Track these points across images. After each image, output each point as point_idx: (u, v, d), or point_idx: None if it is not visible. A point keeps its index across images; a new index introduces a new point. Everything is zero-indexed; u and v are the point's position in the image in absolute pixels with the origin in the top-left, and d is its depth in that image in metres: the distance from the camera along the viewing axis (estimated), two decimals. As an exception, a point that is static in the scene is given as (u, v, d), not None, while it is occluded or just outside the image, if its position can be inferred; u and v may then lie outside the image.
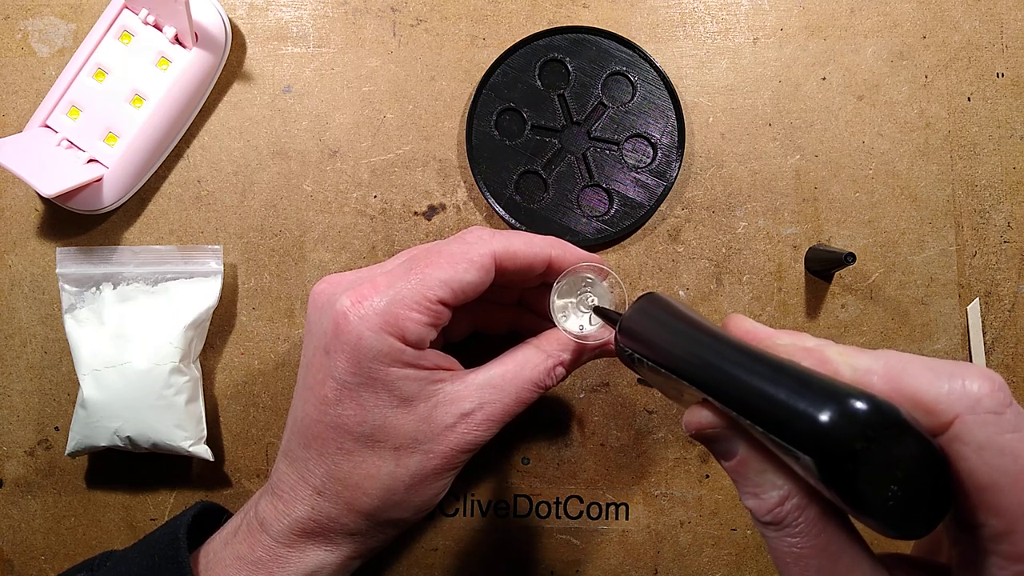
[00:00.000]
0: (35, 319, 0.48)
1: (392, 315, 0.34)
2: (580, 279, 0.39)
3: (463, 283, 0.35)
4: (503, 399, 0.37)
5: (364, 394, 0.35)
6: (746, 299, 0.48)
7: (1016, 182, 0.48)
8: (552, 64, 0.49)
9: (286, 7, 0.50)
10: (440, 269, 0.35)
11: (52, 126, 0.47)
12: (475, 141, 0.48)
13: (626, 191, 0.48)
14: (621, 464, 0.48)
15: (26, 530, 0.48)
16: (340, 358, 0.35)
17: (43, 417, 0.48)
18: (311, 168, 0.49)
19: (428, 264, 0.35)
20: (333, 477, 0.36)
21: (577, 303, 0.40)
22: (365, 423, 0.35)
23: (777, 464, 0.25)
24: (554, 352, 0.39)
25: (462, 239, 0.37)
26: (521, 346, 0.39)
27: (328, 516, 0.36)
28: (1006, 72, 0.48)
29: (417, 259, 0.36)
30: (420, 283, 0.35)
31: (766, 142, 0.48)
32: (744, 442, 0.26)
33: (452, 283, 0.35)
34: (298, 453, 0.37)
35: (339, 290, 0.36)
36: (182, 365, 0.45)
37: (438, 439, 0.36)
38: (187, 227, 0.49)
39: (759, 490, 0.26)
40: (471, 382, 0.37)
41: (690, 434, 0.27)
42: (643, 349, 0.30)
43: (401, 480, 0.36)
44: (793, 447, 0.22)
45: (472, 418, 0.37)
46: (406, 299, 0.34)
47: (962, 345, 0.47)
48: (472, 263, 0.36)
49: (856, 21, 0.48)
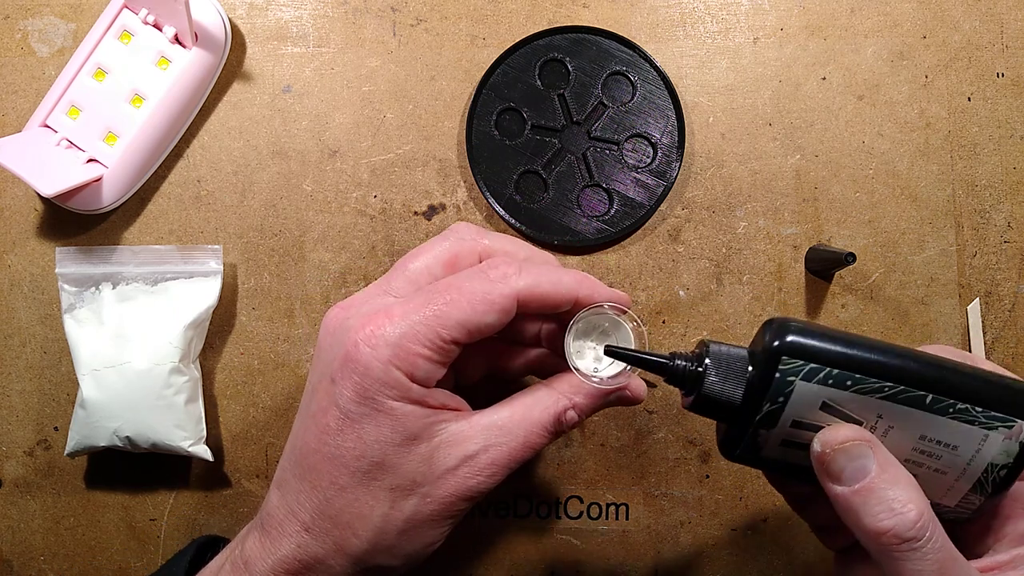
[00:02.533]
0: (34, 319, 0.48)
1: (403, 349, 0.33)
2: (600, 319, 0.37)
3: (480, 325, 0.34)
4: (510, 442, 0.35)
5: (367, 426, 0.33)
6: (746, 299, 0.48)
7: (1016, 182, 0.48)
8: (552, 64, 0.49)
9: (286, 7, 0.49)
10: (459, 309, 0.33)
11: (52, 126, 0.47)
12: (475, 141, 0.48)
13: (626, 191, 0.48)
14: (621, 464, 0.48)
15: (25, 530, 0.48)
16: (347, 386, 0.33)
17: (42, 417, 0.48)
18: (311, 168, 0.49)
19: (447, 302, 0.34)
20: (324, 514, 0.34)
21: (596, 344, 0.37)
22: (363, 457, 0.34)
23: (905, 479, 0.26)
24: (567, 393, 0.36)
25: (485, 275, 0.35)
26: (532, 387, 0.37)
27: (315, 556, 0.34)
28: (1006, 72, 0.48)
29: (437, 292, 0.34)
30: (436, 320, 0.33)
31: (766, 142, 0.48)
32: (876, 459, 0.26)
33: (469, 324, 0.33)
34: (292, 484, 0.35)
35: (352, 317, 0.35)
36: (182, 365, 0.45)
37: (438, 483, 0.34)
38: (187, 227, 0.49)
39: (897, 505, 0.26)
40: (476, 423, 0.35)
41: (825, 453, 0.27)
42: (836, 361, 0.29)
43: (394, 524, 0.34)
44: (1010, 415, 0.29)
45: (476, 461, 0.35)
46: (419, 335, 0.33)
47: (962, 345, 0.47)
48: (492, 305, 0.34)
49: (856, 21, 0.48)
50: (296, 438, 0.36)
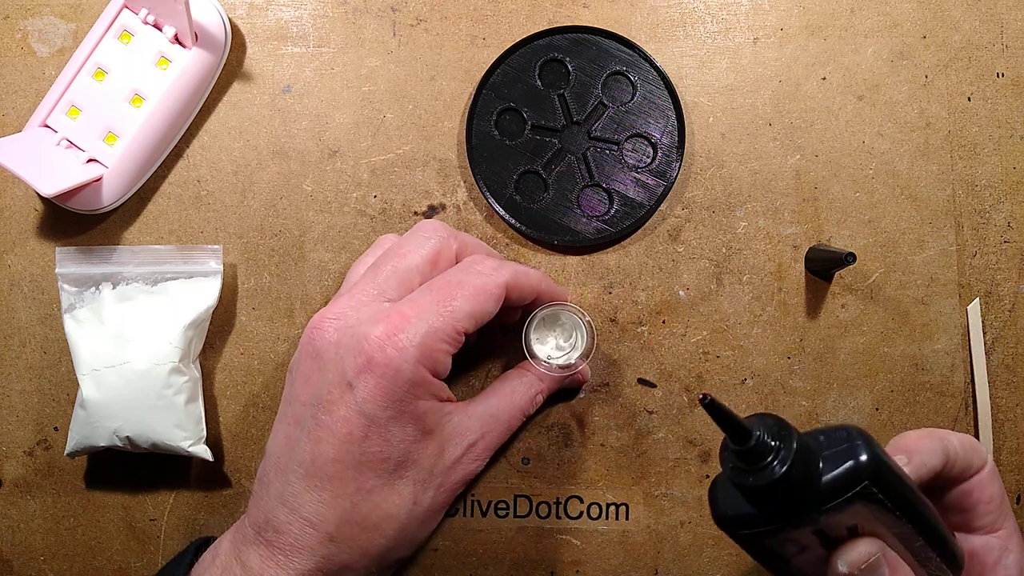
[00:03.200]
0: (34, 319, 0.48)
1: (427, 348, 0.34)
2: (558, 312, 0.44)
3: (484, 314, 0.37)
4: (498, 427, 0.40)
5: (392, 428, 0.34)
6: (746, 299, 0.48)
7: (1016, 182, 0.48)
8: (552, 64, 0.49)
9: (286, 7, 0.49)
10: (467, 302, 0.36)
11: (52, 126, 0.47)
12: (475, 141, 0.48)
13: (626, 191, 0.48)
14: (621, 464, 0.48)
15: (25, 531, 0.48)
16: (372, 391, 0.34)
17: (42, 417, 0.48)
18: (311, 168, 0.49)
19: (454, 296, 0.36)
20: (350, 520, 0.34)
21: (555, 335, 0.44)
22: (390, 459, 0.35)
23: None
24: (535, 381, 0.43)
25: (475, 269, 0.38)
26: (507, 376, 0.43)
27: (339, 564, 0.35)
28: (1006, 72, 0.48)
29: (442, 290, 0.36)
30: (451, 316, 0.35)
31: (766, 142, 0.48)
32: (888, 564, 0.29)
33: (476, 315, 0.36)
34: (305, 497, 0.35)
35: (360, 324, 0.35)
36: (182, 365, 0.45)
37: (449, 472, 0.38)
38: (187, 227, 0.49)
39: None
40: (473, 414, 0.39)
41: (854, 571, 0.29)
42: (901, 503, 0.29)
43: (416, 517, 0.36)
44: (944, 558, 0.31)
45: (475, 449, 0.39)
46: (439, 332, 0.35)
47: (962, 345, 0.47)
48: (491, 295, 0.37)
49: (856, 21, 0.48)
50: (300, 452, 0.35)
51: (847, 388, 0.47)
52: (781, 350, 0.48)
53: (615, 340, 0.48)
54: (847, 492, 0.28)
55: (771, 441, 0.28)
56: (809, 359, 0.48)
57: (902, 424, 0.47)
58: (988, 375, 0.47)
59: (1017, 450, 0.47)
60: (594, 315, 0.48)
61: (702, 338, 0.48)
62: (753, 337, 0.48)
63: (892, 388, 0.47)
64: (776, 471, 0.27)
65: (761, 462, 0.28)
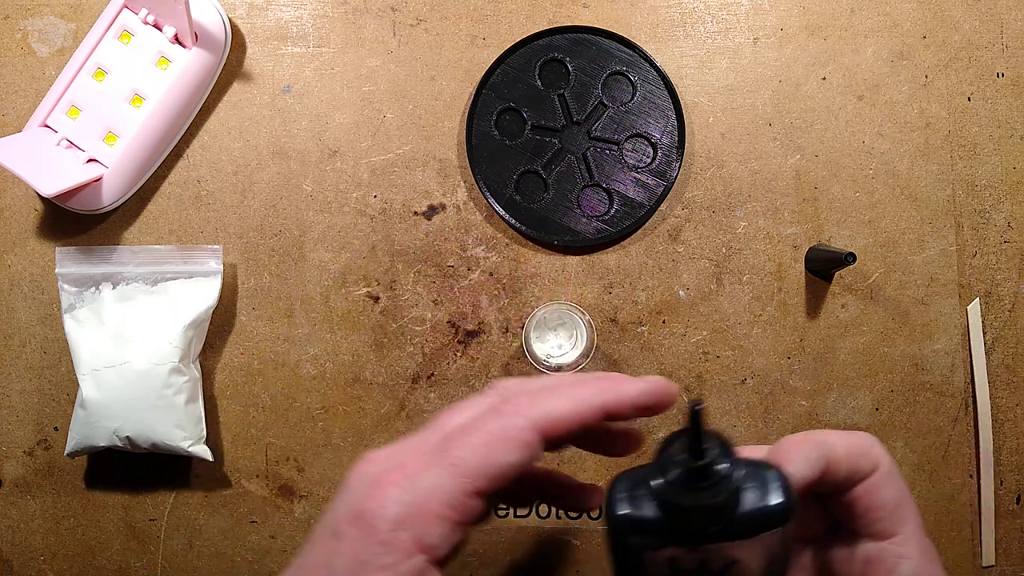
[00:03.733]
0: (34, 319, 0.48)
1: (415, 508, 0.28)
2: (554, 315, 0.45)
3: (503, 467, 0.29)
4: None
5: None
6: (746, 299, 0.48)
7: (1016, 182, 0.48)
8: (552, 64, 0.49)
9: (286, 7, 0.49)
10: (477, 453, 0.29)
11: (52, 126, 0.47)
12: (475, 141, 0.48)
13: (626, 191, 0.48)
14: (621, 464, 0.48)
15: (25, 530, 0.48)
16: (346, 547, 0.28)
17: (42, 417, 0.48)
18: (311, 168, 0.49)
19: (462, 446, 0.29)
20: None
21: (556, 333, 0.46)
22: None
23: None
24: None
25: (499, 410, 0.30)
26: None
27: None
28: (1006, 72, 0.48)
29: (449, 439, 0.30)
30: (454, 470, 0.29)
31: (766, 142, 0.48)
32: None
33: (491, 470, 0.29)
34: None
35: (371, 473, 0.30)
36: (181, 365, 0.45)
37: None
38: (187, 227, 0.49)
39: None
40: None
41: None
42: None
43: None
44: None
45: None
46: (436, 490, 0.28)
47: (962, 345, 0.47)
48: (512, 442, 0.29)
49: (856, 21, 0.48)
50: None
51: (847, 388, 0.47)
52: (781, 350, 0.48)
53: (615, 340, 0.48)
54: (764, 530, 0.28)
55: (720, 465, 0.28)
56: (809, 359, 0.48)
57: (902, 424, 0.47)
58: (988, 375, 0.47)
59: (1017, 450, 0.47)
60: (594, 315, 0.48)
61: (702, 338, 0.48)
62: (753, 337, 0.48)
63: (892, 388, 0.47)
64: (717, 496, 0.28)
65: (705, 482, 0.28)
